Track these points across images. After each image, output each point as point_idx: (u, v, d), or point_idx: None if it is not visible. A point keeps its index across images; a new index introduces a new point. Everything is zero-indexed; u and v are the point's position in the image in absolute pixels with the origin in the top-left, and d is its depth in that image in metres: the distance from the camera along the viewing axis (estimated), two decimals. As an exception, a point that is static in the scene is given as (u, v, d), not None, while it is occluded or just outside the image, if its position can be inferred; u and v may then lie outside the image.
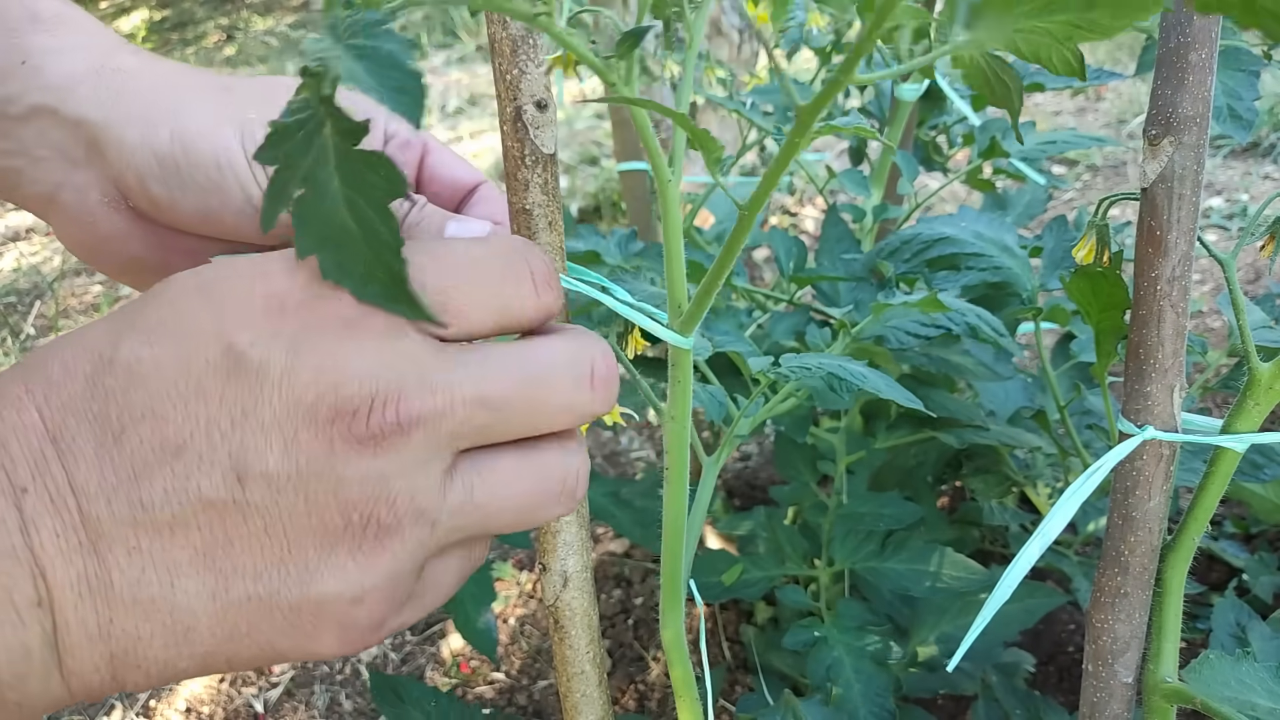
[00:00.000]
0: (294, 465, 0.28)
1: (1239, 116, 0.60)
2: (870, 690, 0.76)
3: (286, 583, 0.29)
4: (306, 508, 0.28)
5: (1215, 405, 1.42)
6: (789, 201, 2.48)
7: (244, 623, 0.29)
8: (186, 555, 0.28)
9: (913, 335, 0.70)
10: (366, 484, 0.29)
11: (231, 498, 0.28)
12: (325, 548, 0.29)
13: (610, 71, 0.36)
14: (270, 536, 0.28)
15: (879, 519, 0.87)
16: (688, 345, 0.44)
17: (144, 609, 0.28)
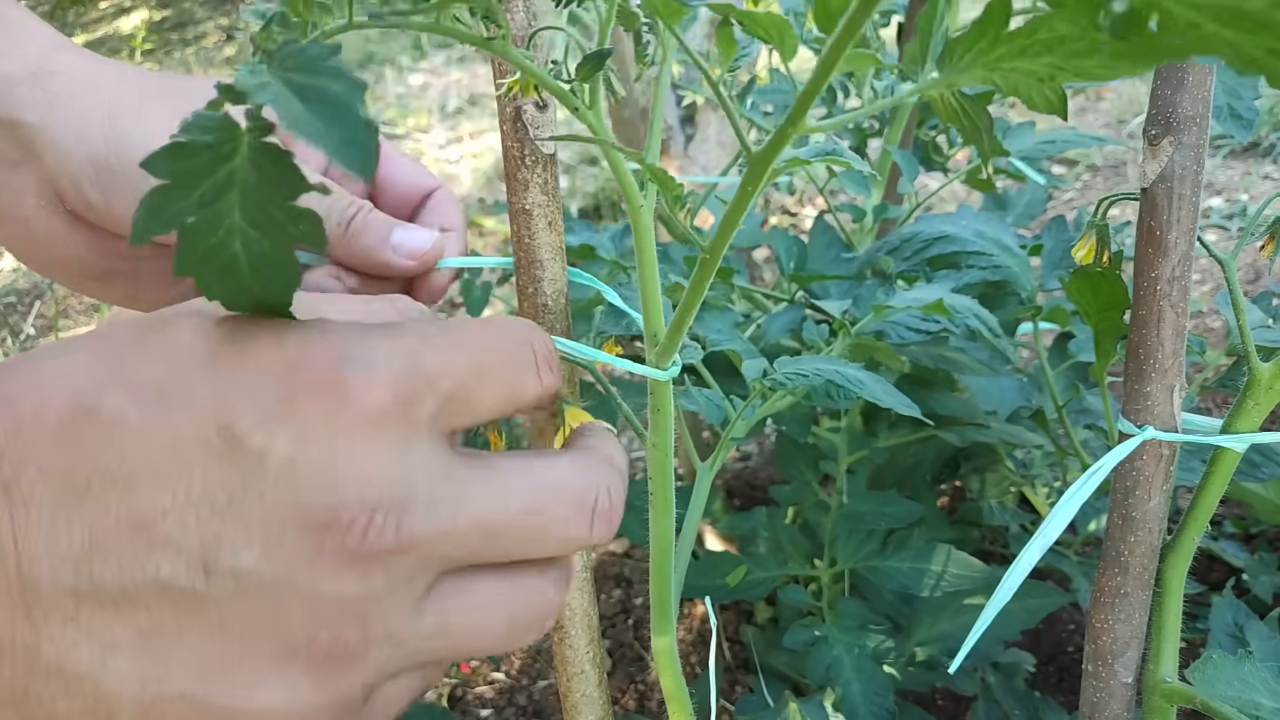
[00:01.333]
0: (271, 570, 0.26)
1: (1239, 116, 0.60)
2: (870, 689, 0.76)
3: (229, 687, 0.26)
4: (272, 614, 0.26)
5: (1215, 405, 1.42)
6: (789, 201, 2.48)
7: (170, 719, 0.26)
8: (128, 635, 0.25)
9: (913, 330, 0.70)
10: (345, 603, 0.27)
11: (193, 587, 0.25)
12: (280, 659, 0.27)
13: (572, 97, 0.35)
14: (223, 636, 0.26)
15: (880, 518, 0.87)
16: (665, 378, 0.43)
17: (67, 683, 0.25)
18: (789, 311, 0.87)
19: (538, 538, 0.30)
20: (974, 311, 0.69)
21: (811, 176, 0.99)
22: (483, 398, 0.30)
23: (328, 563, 0.26)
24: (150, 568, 0.25)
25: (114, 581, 0.25)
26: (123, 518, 0.25)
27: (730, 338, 0.76)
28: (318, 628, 0.27)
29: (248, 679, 0.26)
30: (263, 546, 0.26)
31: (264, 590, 0.26)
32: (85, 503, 0.25)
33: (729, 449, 0.60)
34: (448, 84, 3.99)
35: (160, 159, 0.24)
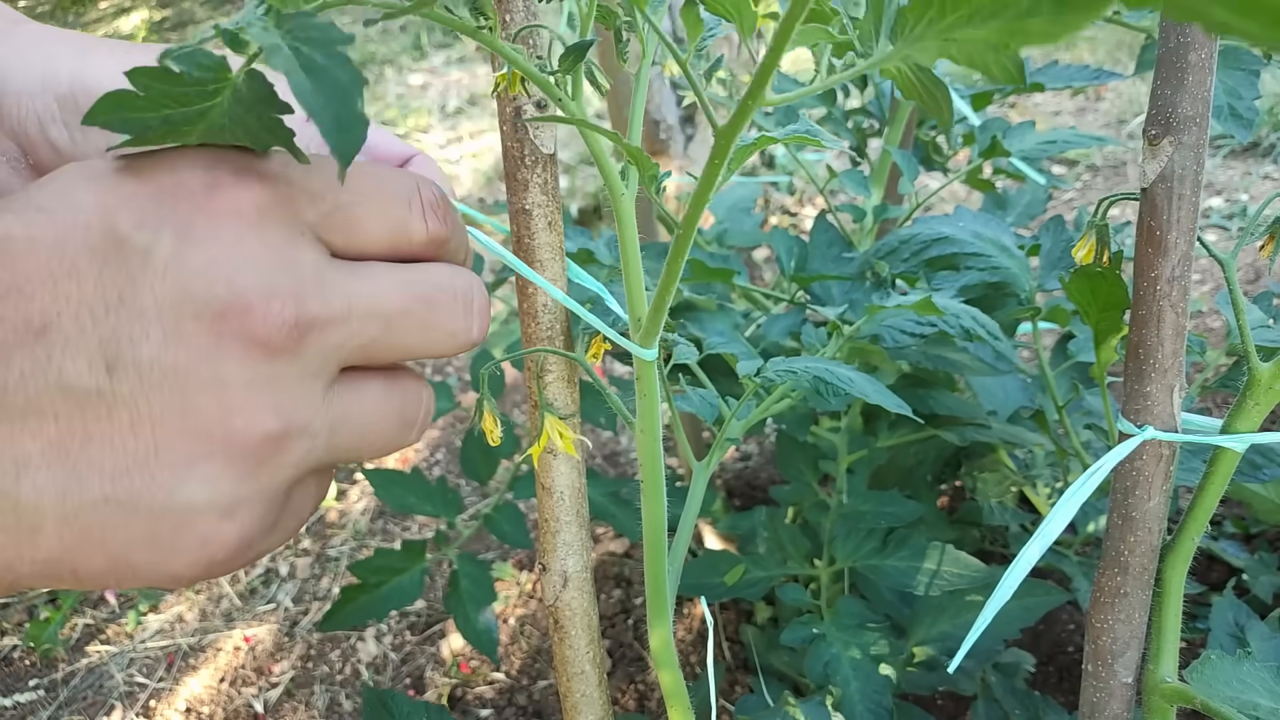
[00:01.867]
0: (173, 358, 0.26)
1: (1239, 115, 0.60)
2: (868, 688, 0.76)
3: (150, 487, 0.26)
4: (182, 406, 0.26)
5: (1215, 405, 1.42)
6: (789, 201, 2.48)
7: (97, 528, 0.26)
8: (38, 446, 0.25)
9: (908, 334, 0.70)
10: (254, 388, 0.27)
11: (97, 387, 0.25)
12: (199, 453, 0.27)
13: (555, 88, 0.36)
14: (136, 435, 0.26)
15: (880, 517, 0.87)
16: (649, 357, 0.43)
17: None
18: (789, 315, 0.87)
19: (426, 326, 0.32)
20: (971, 314, 0.69)
21: (811, 176, 0.99)
22: (364, 222, 0.31)
23: (230, 349, 0.26)
24: (52, 372, 0.25)
25: (16, 391, 0.25)
26: (18, 325, 0.25)
27: (730, 340, 0.76)
28: (230, 415, 0.27)
29: (168, 476, 0.26)
30: (161, 337, 0.26)
31: (170, 382, 0.26)
32: None
33: (726, 449, 0.60)
34: (448, 84, 3.99)
35: (144, 74, 0.25)
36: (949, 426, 0.88)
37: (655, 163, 0.36)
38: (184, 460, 0.26)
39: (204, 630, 1.44)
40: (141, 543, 0.27)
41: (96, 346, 0.25)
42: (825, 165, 1.08)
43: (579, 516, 0.50)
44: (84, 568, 0.27)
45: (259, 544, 0.29)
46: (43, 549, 0.26)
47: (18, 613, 1.50)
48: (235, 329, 0.26)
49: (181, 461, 0.26)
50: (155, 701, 1.31)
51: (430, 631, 1.37)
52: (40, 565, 0.26)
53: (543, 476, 0.49)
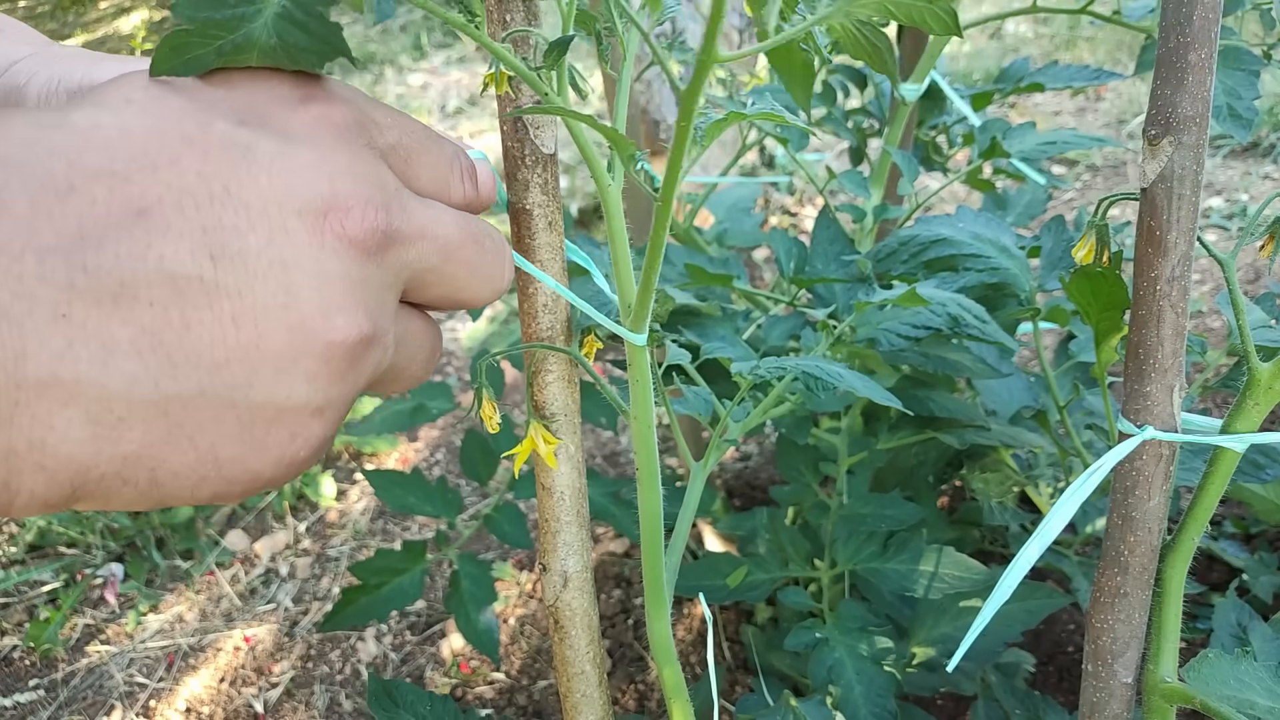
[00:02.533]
0: (279, 252, 0.25)
1: (1239, 116, 0.60)
2: (871, 691, 0.76)
3: (250, 380, 0.25)
4: (286, 301, 0.26)
5: (1215, 405, 1.42)
6: (789, 201, 2.48)
7: (189, 421, 0.25)
8: (130, 332, 0.24)
9: (903, 336, 0.70)
10: (352, 289, 0.27)
11: (200, 274, 0.24)
12: (301, 348, 0.26)
13: (542, 83, 0.37)
14: (238, 327, 0.25)
15: (880, 520, 0.87)
16: (639, 341, 0.44)
17: (64, 391, 0.23)
18: (789, 318, 0.87)
19: (473, 266, 0.33)
20: (958, 301, 0.69)
21: (811, 177, 0.99)
22: (417, 165, 0.32)
23: (331, 245, 0.27)
24: (152, 256, 0.24)
25: (112, 271, 0.23)
26: (115, 207, 0.24)
27: (728, 344, 0.76)
28: (332, 313, 0.27)
29: (270, 370, 0.26)
30: (268, 230, 0.25)
31: (275, 274, 0.25)
32: (70, 199, 0.23)
33: (724, 449, 0.60)
34: (448, 84, 3.99)
35: (188, 4, 0.26)
36: (948, 429, 0.88)
37: (632, 143, 0.37)
38: (286, 355, 0.26)
39: (204, 630, 1.44)
40: (232, 437, 0.26)
41: (200, 234, 0.24)
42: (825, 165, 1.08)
43: (579, 516, 0.50)
44: (166, 466, 0.25)
45: (325, 449, 0.29)
46: (126, 444, 0.24)
47: (18, 613, 1.50)
48: (336, 228, 0.27)
49: (284, 356, 0.26)
50: (155, 701, 1.31)
51: (430, 631, 1.37)
52: (120, 462, 0.25)
53: (543, 476, 0.49)
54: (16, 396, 0.22)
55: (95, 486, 0.25)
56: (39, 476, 0.23)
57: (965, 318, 0.68)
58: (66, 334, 0.23)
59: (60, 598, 1.51)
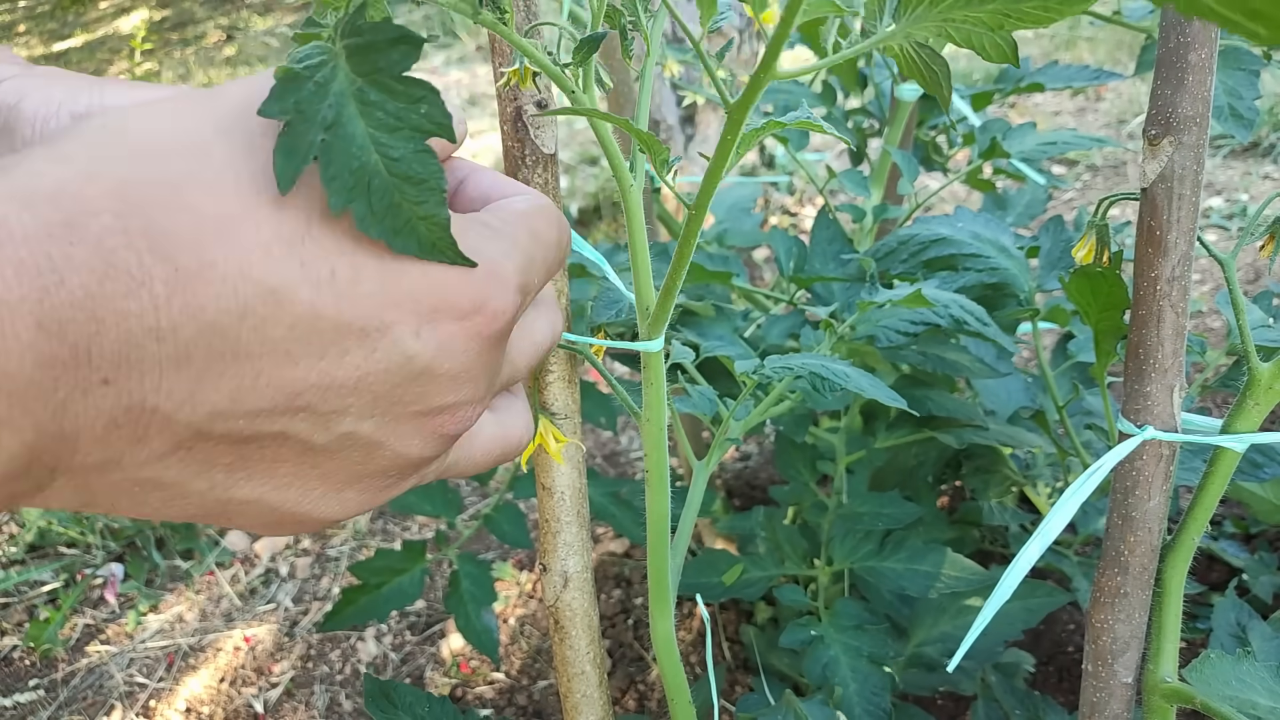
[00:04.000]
0: (380, 436, 0.30)
1: (1239, 115, 0.60)
2: (866, 689, 0.76)
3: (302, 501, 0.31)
4: (363, 461, 0.31)
5: (1215, 405, 1.42)
6: (789, 201, 2.48)
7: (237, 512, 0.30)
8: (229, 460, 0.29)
9: (902, 334, 0.70)
10: (421, 459, 0.32)
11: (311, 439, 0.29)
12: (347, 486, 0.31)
13: (568, 80, 0.36)
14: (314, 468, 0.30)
15: (879, 519, 0.87)
16: (655, 349, 0.44)
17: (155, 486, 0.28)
18: (789, 317, 0.87)
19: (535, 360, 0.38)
20: (960, 303, 0.69)
21: (811, 176, 0.99)
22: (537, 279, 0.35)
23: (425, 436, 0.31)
24: (282, 423, 0.28)
25: (244, 430, 0.28)
26: (274, 386, 0.27)
27: (728, 343, 0.76)
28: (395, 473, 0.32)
29: (318, 498, 0.31)
30: (382, 420, 0.30)
31: (365, 448, 0.30)
32: (242, 367, 0.27)
33: (725, 448, 0.60)
34: (447, 84, 3.99)
35: (274, 99, 0.26)
36: (947, 428, 0.88)
37: (666, 148, 0.37)
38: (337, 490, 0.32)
39: (204, 630, 1.44)
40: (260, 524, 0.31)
41: (328, 415, 0.29)
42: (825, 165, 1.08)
43: (579, 517, 0.50)
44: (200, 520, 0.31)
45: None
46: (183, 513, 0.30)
47: (18, 613, 1.50)
48: (437, 426, 0.32)
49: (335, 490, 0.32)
50: (155, 701, 1.31)
51: (430, 631, 1.37)
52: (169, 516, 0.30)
53: (543, 477, 0.49)
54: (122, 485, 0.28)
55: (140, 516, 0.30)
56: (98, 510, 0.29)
57: (968, 320, 0.68)
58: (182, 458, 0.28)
59: (60, 598, 1.51)
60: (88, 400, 0.25)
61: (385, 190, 0.27)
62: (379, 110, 0.27)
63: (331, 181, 0.26)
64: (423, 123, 0.27)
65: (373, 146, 0.27)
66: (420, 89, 0.27)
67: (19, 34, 6.41)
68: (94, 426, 0.25)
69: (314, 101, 0.26)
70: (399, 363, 0.29)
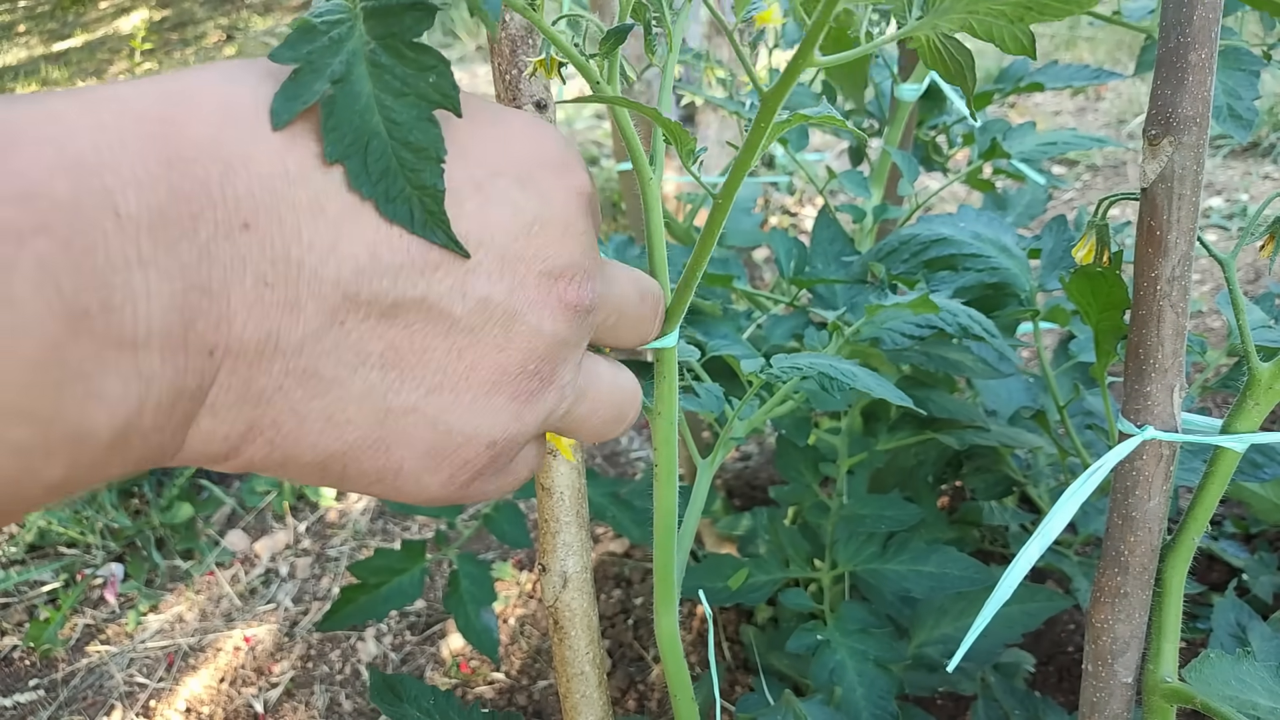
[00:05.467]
0: (514, 302, 0.29)
1: (1239, 116, 0.60)
2: (873, 693, 0.76)
3: (454, 406, 0.29)
4: (503, 343, 0.29)
5: (1215, 405, 1.42)
6: (789, 201, 2.48)
7: (395, 433, 0.29)
8: (380, 347, 0.27)
9: (907, 336, 0.70)
10: (554, 342, 0.31)
11: (451, 309, 0.28)
12: (495, 386, 0.30)
13: (594, 71, 0.37)
14: (460, 358, 0.29)
15: (880, 520, 0.87)
16: (669, 344, 0.44)
17: (318, 385, 0.27)
18: (792, 317, 0.87)
19: (637, 320, 0.37)
20: (968, 313, 0.69)
21: (811, 177, 0.99)
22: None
23: (554, 305, 0.30)
24: (423, 285, 0.27)
25: (389, 292, 0.27)
26: (406, 235, 0.27)
27: (732, 343, 0.76)
28: (530, 360, 0.31)
29: (469, 401, 0.30)
30: (512, 283, 0.29)
31: (503, 321, 0.29)
32: (373, 212, 0.27)
33: (729, 448, 0.60)
34: (448, 84, 3.99)
35: (287, 46, 0.26)
36: (948, 429, 0.88)
37: (693, 139, 0.37)
38: (486, 389, 0.30)
39: (204, 630, 1.44)
40: (420, 455, 0.30)
41: (462, 274, 0.28)
42: (825, 166, 1.08)
43: (579, 517, 0.50)
44: (357, 465, 0.29)
45: (490, 483, 0.33)
46: (340, 441, 0.28)
47: (18, 613, 1.50)
48: (561, 293, 0.30)
49: (483, 390, 0.30)
50: (155, 701, 1.31)
51: (430, 631, 1.37)
52: (322, 457, 0.28)
53: (543, 477, 0.49)
54: (284, 383, 0.26)
55: (297, 471, 0.28)
56: (259, 450, 0.27)
57: (975, 329, 0.68)
58: (337, 339, 0.26)
59: (60, 598, 1.51)
60: (232, 246, 0.24)
61: (383, 152, 0.27)
62: (388, 74, 0.27)
63: (331, 132, 0.27)
64: (429, 91, 0.27)
65: (377, 108, 0.27)
66: (431, 58, 0.27)
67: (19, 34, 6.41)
68: (243, 282, 0.24)
69: (325, 55, 0.27)
70: (510, 212, 0.29)
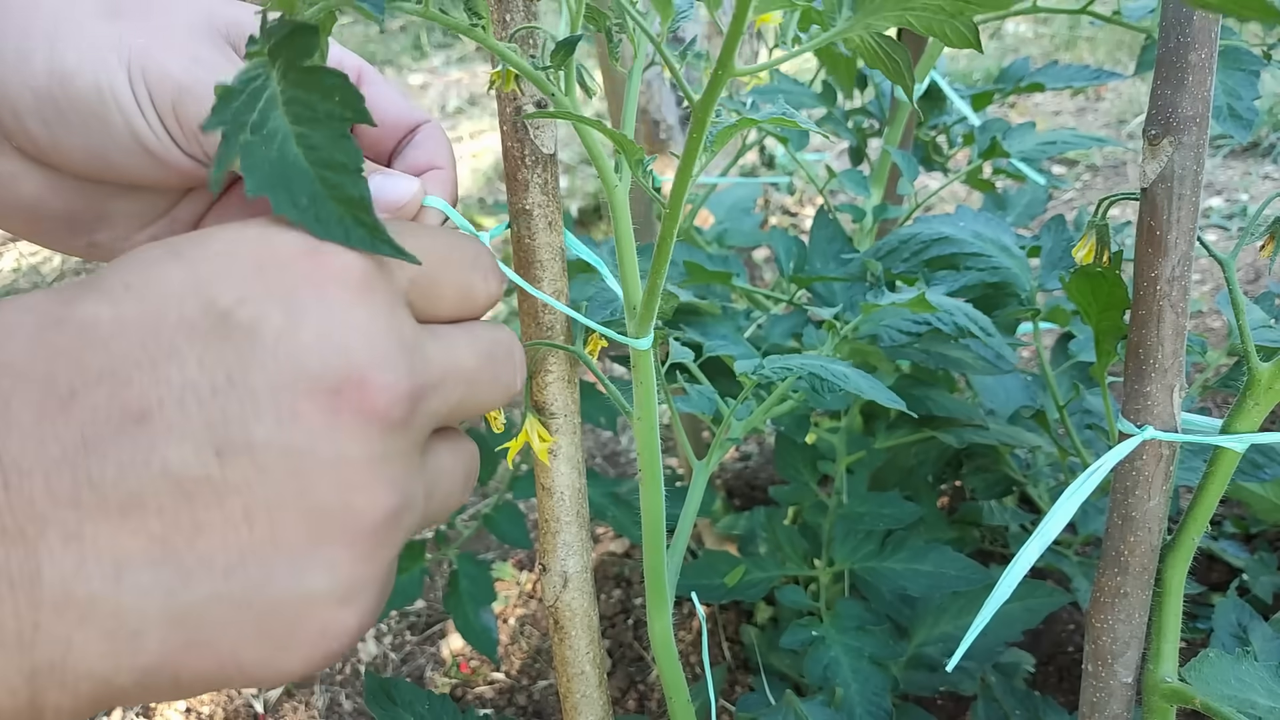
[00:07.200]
0: (289, 439, 0.24)
1: (1239, 116, 0.60)
2: (867, 690, 0.76)
3: (268, 579, 0.24)
4: (299, 489, 0.24)
5: (1215, 405, 1.42)
6: (789, 201, 2.48)
7: (206, 628, 0.24)
8: (139, 544, 0.23)
9: (904, 333, 0.70)
10: (372, 464, 0.26)
11: (206, 474, 0.23)
12: (320, 537, 0.25)
13: (549, 83, 0.37)
14: (250, 524, 0.24)
15: (879, 519, 0.87)
16: (643, 346, 0.44)
17: (79, 610, 0.23)
18: (791, 316, 0.87)
19: (491, 383, 0.32)
20: (964, 311, 0.69)
21: (811, 177, 0.99)
22: (441, 288, 0.31)
23: (347, 424, 0.25)
24: (156, 461, 0.23)
25: (117, 483, 0.23)
26: (114, 414, 0.23)
27: (730, 343, 0.76)
28: (352, 495, 0.25)
29: (288, 566, 0.25)
30: (276, 418, 0.24)
31: (286, 464, 0.24)
32: (71, 407, 0.23)
33: (726, 448, 0.60)
34: (448, 84, 3.99)
35: (214, 114, 0.26)
36: (947, 428, 0.88)
37: (641, 148, 0.37)
38: (304, 547, 0.25)
39: (204, 630, 1.44)
40: (253, 640, 0.25)
41: (204, 431, 0.24)
42: (825, 165, 1.08)
43: (579, 517, 0.50)
44: (188, 672, 0.25)
45: (364, 630, 0.28)
46: (144, 655, 0.24)
47: (18, 613, 1.50)
48: (353, 404, 0.25)
49: (301, 548, 0.25)
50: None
51: (430, 631, 1.37)
52: (140, 673, 0.24)
53: (543, 477, 0.49)
54: (36, 619, 0.22)
55: (119, 696, 0.24)
56: (62, 693, 0.23)
57: (971, 329, 0.68)
58: (78, 553, 0.23)
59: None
60: None
61: (305, 178, 0.27)
62: (301, 106, 0.27)
63: (249, 172, 0.26)
64: (338, 110, 0.27)
65: (294, 139, 0.27)
66: (331, 78, 0.27)
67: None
68: None
69: (245, 111, 0.27)
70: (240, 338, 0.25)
